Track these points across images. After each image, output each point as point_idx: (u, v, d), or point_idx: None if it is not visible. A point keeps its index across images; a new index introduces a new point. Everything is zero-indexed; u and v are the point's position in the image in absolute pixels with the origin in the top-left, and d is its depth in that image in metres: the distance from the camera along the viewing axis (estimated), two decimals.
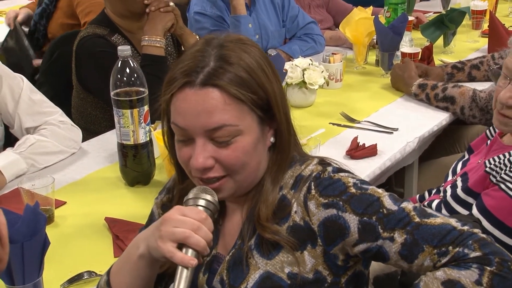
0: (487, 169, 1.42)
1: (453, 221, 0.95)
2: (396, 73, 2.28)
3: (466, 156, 1.66)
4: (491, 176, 1.40)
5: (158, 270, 1.03)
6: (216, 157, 0.98)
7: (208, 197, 0.98)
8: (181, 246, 0.93)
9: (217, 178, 1.00)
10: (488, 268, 0.89)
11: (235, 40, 1.01)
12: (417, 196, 1.71)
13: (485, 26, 2.91)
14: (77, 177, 1.72)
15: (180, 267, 0.93)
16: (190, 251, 0.93)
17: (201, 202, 0.98)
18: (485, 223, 1.35)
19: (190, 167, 1.00)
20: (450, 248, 0.92)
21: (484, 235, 0.94)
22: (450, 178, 1.63)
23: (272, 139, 1.03)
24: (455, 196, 1.49)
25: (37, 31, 3.02)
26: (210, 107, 0.95)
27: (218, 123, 0.96)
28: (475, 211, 1.40)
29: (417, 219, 0.95)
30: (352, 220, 0.96)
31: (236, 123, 0.96)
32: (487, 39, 2.74)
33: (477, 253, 0.90)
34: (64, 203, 1.58)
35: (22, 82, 1.79)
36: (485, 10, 2.95)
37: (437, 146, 2.21)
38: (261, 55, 1.02)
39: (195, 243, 0.92)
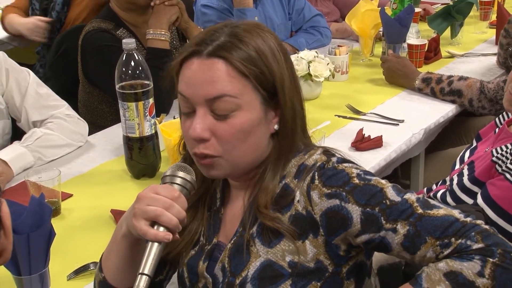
0: (494, 158, 1.42)
1: (456, 213, 0.95)
2: (394, 68, 2.22)
3: (474, 144, 1.66)
4: (497, 166, 1.40)
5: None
6: (213, 130, 0.99)
7: (185, 176, 0.99)
8: (154, 223, 0.95)
9: (211, 156, 1.00)
10: (491, 259, 0.89)
11: (251, 24, 1.04)
12: (425, 189, 1.71)
13: (493, 17, 2.89)
14: (84, 170, 1.73)
15: (150, 243, 0.94)
16: (161, 228, 0.94)
17: (177, 180, 0.98)
18: (489, 212, 1.35)
19: (188, 137, 1.01)
20: (453, 239, 0.92)
21: (487, 226, 0.93)
22: (457, 166, 1.63)
23: (276, 126, 1.03)
24: (461, 185, 1.49)
25: (58, 22, 2.77)
26: (214, 76, 0.97)
27: (219, 92, 0.97)
28: (480, 200, 1.40)
29: (420, 211, 0.95)
30: (355, 211, 0.96)
31: (236, 95, 0.97)
32: (495, 30, 2.72)
33: (480, 245, 0.90)
34: (71, 195, 1.59)
35: (28, 76, 1.81)
36: (493, 0, 2.93)
37: (443, 138, 2.20)
38: (276, 42, 1.03)
39: (167, 221, 0.94)
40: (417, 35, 2.56)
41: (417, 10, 2.79)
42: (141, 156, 1.63)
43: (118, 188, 1.63)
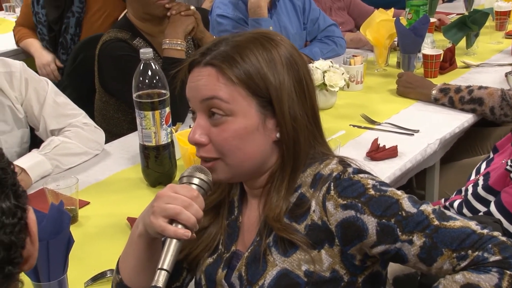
0: (508, 167, 1.42)
1: (472, 224, 0.95)
2: (408, 84, 2.22)
3: (491, 156, 1.66)
4: (511, 174, 1.40)
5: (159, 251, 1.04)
6: (209, 135, 1.02)
7: (202, 176, 1.01)
8: (171, 222, 0.96)
9: (210, 159, 1.03)
10: (508, 272, 0.89)
11: (258, 33, 1.05)
12: (442, 200, 1.70)
13: (509, 27, 2.89)
14: (100, 178, 1.75)
15: (168, 240, 0.95)
16: (180, 226, 0.95)
17: (195, 181, 1.00)
18: (502, 220, 1.35)
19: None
20: (470, 252, 0.92)
21: (504, 238, 0.93)
22: (473, 177, 1.62)
23: (278, 135, 1.03)
24: (475, 194, 1.49)
25: (72, 43, 2.86)
26: (205, 81, 1.02)
27: (209, 94, 1.01)
28: (493, 208, 1.40)
29: (436, 222, 0.95)
30: (370, 222, 0.97)
31: (228, 101, 1.00)
32: (511, 40, 2.71)
33: (497, 257, 0.90)
34: (88, 203, 1.61)
35: (47, 85, 1.83)
36: (509, 11, 2.92)
37: (459, 148, 2.19)
38: (286, 51, 1.03)
39: (186, 219, 0.95)
40: (432, 45, 2.56)
41: (432, 20, 2.79)
42: (157, 165, 1.65)
43: (134, 196, 1.64)
